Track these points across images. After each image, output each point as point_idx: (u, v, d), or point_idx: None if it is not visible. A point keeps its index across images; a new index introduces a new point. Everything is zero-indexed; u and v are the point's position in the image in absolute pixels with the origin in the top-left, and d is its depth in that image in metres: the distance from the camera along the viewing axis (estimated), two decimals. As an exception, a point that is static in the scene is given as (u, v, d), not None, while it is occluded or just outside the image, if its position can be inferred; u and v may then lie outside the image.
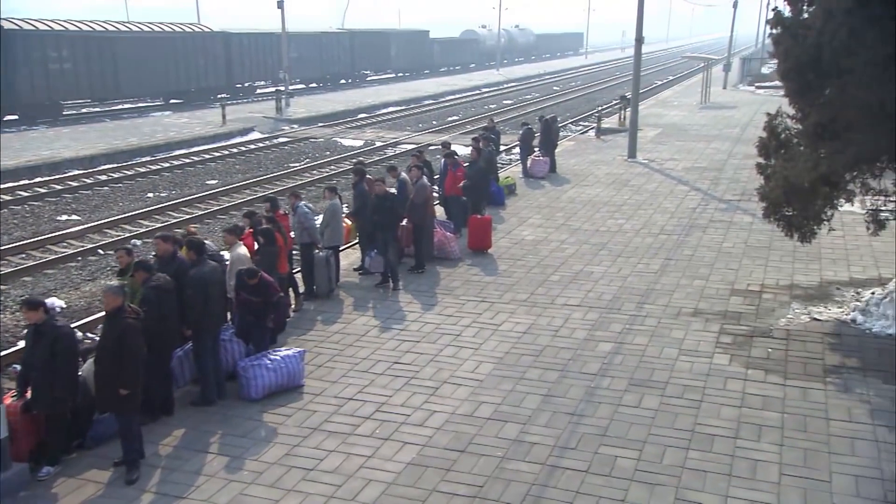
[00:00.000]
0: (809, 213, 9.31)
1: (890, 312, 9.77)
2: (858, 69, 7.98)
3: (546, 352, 9.50)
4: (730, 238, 14.33)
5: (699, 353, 9.30)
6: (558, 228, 15.42)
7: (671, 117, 33.88)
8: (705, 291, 11.49)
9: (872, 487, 6.43)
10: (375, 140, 32.06)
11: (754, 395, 8.20)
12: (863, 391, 8.14)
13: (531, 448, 7.29)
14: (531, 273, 12.61)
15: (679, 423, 7.67)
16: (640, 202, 17.57)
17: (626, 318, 10.50)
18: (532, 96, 51.62)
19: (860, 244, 13.49)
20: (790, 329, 9.91)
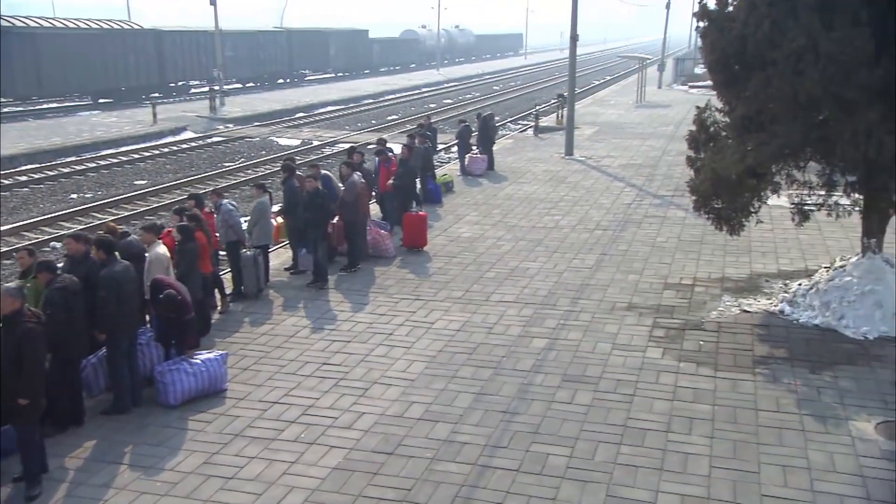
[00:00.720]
0: (737, 206, 9.36)
1: (816, 303, 9.91)
2: (781, 61, 8.04)
3: (480, 349, 9.32)
4: (663, 233, 14.44)
5: (632, 348, 9.25)
6: (495, 225, 15.30)
7: (608, 116, 34.29)
8: (639, 286, 11.49)
9: (800, 477, 6.43)
10: (313, 139, 31.53)
11: (686, 387, 8.17)
12: (790, 381, 8.19)
13: (462, 448, 7.08)
14: (467, 270, 12.44)
15: (612, 418, 7.57)
16: (577, 198, 17.61)
17: (560, 314, 10.40)
18: (472, 96, 51.73)
19: (788, 237, 13.73)
20: (721, 321, 9.96)
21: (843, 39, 7.63)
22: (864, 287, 9.61)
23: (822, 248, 12.96)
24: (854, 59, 7.64)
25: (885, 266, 9.76)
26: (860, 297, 9.58)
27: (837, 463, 6.60)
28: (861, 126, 7.87)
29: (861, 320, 9.42)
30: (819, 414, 7.47)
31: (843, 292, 9.75)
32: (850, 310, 9.57)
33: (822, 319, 9.69)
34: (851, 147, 7.99)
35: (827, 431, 7.14)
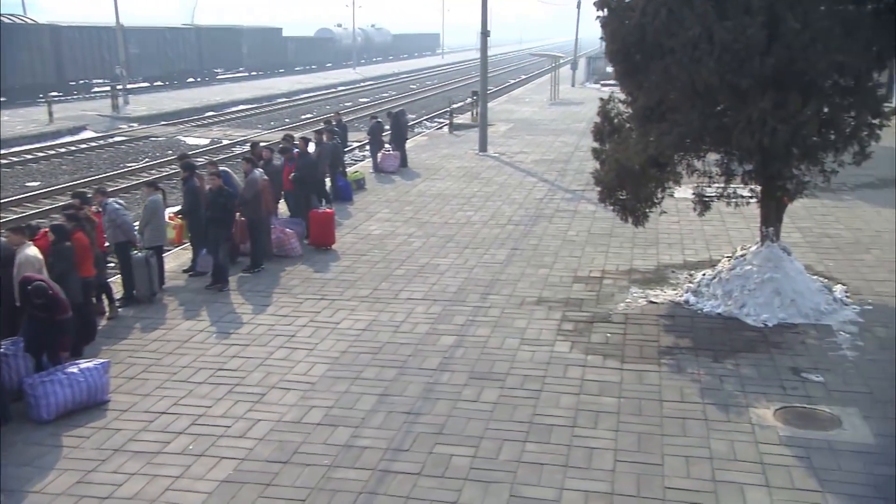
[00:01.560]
0: (641, 196, 9.35)
1: (718, 292, 10.01)
2: (678, 49, 8.03)
3: (385, 349, 8.99)
4: (574, 226, 14.45)
5: (540, 342, 9.10)
6: (406, 222, 15.00)
7: (522, 113, 34.55)
8: (549, 279, 11.40)
9: (702, 467, 6.37)
10: (223, 138, 30.50)
11: (593, 381, 8.06)
12: (694, 370, 8.20)
13: (362, 453, 6.74)
14: (376, 268, 12.09)
15: (518, 415, 7.37)
16: (490, 194, 17.50)
17: (469, 310, 10.18)
18: (389, 94, 51.36)
19: (694, 229, 13.95)
20: (628, 313, 9.94)
21: (737, 28, 7.68)
22: (764, 275, 9.76)
23: (726, 239, 13.21)
24: (747, 47, 7.69)
25: (783, 254, 9.95)
26: (760, 285, 9.73)
27: (738, 451, 6.58)
28: (755, 114, 7.95)
29: (761, 308, 9.56)
30: (721, 402, 7.47)
31: (743, 281, 9.89)
32: (750, 298, 9.70)
33: (724, 308, 9.79)
34: (746, 135, 8.06)
35: (729, 420, 7.13)
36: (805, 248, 12.45)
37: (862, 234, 13.12)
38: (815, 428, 6.92)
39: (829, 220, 14.14)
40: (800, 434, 6.82)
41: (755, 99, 8.01)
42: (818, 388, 7.67)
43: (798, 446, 6.62)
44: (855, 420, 7.00)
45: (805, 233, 13.39)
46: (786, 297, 9.59)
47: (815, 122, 7.97)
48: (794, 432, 6.85)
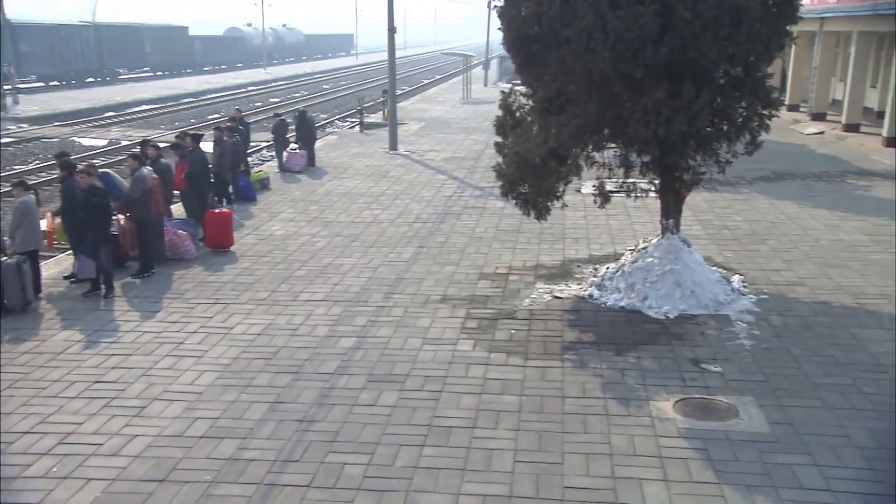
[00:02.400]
0: (542, 190, 9.20)
1: (622, 285, 9.98)
2: (573, 39, 7.90)
3: (280, 353, 8.52)
4: (482, 223, 14.28)
5: (443, 341, 8.82)
6: (311, 222, 14.51)
7: (435, 112, 34.38)
8: (455, 277, 11.15)
9: (602, 464, 6.21)
10: (122, 139, 29.10)
11: (495, 379, 7.82)
12: (596, 365, 8.08)
13: (247, 466, 6.27)
14: (276, 269, 11.56)
15: (416, 418, 7.05)
16: (398, 192, 17.17)
17: (372, 310, 9.81)
18: (301, 94, 50.44)
19: (599, 223, 14.00)
20: (533, 309, 9.79)
21: (629, 17, 7.60)
22: (665, 267, 9.78)
23: (630, 233, 13.28)
24: (639, 37, 7.63)
25: (683, 246, 10.00)
26: (661, 277, 9.74)
27: (638, 446, 6.45)
28: (650, 104, 7.90)
29: (662, 300, 9.57)
30: (622, 396, 7.36)
31: (645, 273, 9.89)
32: (652, 290, 9.71)
33: (627, 301, 9.76)
34: (642, 125, 8.01)
35: (629, 414, 7.02)
36: (705, 239, 12.65)
37: (758, 225, 13.45)
38: (713, 419, 6.89)
39: (728, 213, 14.45)
40: (698, 425, 6.77)
41: (650, 89, 7.97)
42: (716, 379, 7.67)
43: (696, 438, 6.55)
44: (751, 409, 7.01)
45: (705, 225, 13.62)
46: (686, 289, 9.64)
47: (708, 112, 7.99)
48: (693, 424, 6.79)
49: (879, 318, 9.00)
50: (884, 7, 19.33)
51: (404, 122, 30.58)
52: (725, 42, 7.68)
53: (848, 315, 9.15)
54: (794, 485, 5.80)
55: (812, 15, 25.10)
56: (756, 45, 7.94)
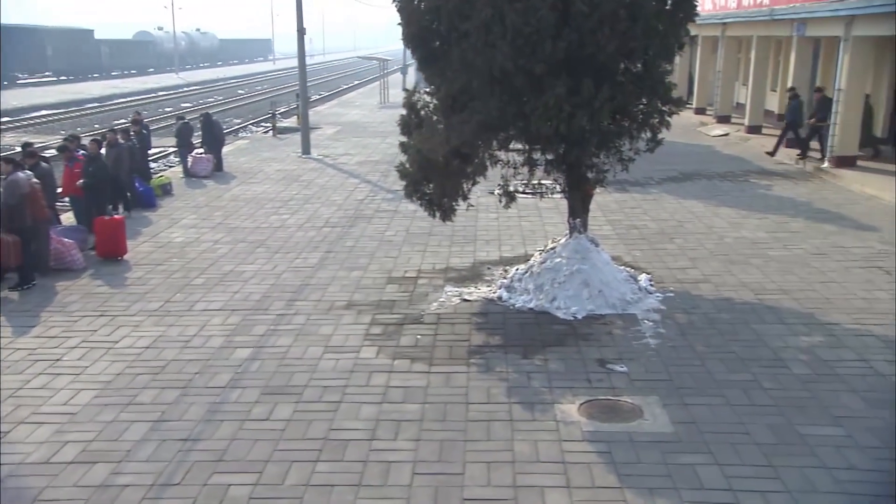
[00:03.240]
0: (447, 190, 8.93)
1: (530, 286, 9.82)
2: (473, 33, 7.67)
3: (169, 367, 7.95)
4: (393, 226, 13.94)
5: (346, 349, 8.43)
6: (214, 228, 13.85)
7: (351, 116, 33.89)
8: (362, 282, 10.77)
9: (503, 472, 5.95)
10: (15, 145, 27.37)
11: (398, 387, 7.48)
12: (503, 369, 7.85)
13: (120, 493, 5.73)
14: (171, 278, 10.91)
15: (312, 431, 6.64)
16: (309, 196, 16.67)
17: (272, 319, 9.33)
18: (214, 99, 49.06)
19: (511, 225, 13.88)
20: (441, 313, 9.50)
21: (527, 10, 7.43)
22: (572, 267, 9.67)
23: (542, 234, 13.18)
24: (538, 31, 7.46)
25: (590, 245, 9.92)
26: (569, 277, 9.62)
27: (541, 452, 6.23)
28: (551, 100, 7.74)
29: (570, 300, 9.44)
30: (528, 401, 7.14)
31: (553, 274, 9.75)
32: (560, 291, 9.57)
33: (536, 303, 9.59)
34: (543, 122, 7.85)
35: (534, 419, 6.79)
36: (615, 239, 12.67)
37: (666, 224, 13.59)
38: (618, 420, 6.74)
39: (637, 213, 14.57)
40: (603, 428, 6.60)
41: (551, 84, 7.81)
42: (622, 379, 7.54)
43: (600, 441, 6.37)
44: (655, 409, 6.89)
45: (615, 225, 13.67)
46: (594, 288, 9.54)
47: (608, 109, 7.90)
48: (598, 427, 6.62)
49: (779, 313, 9.11)
50: (780, 12, 20.05)
51: (319, 126, 30.06)
52: (623, 37, 7.60)
53: (749, 311, 9.23)
54: (695, 485, 5.67)
55: (714, 20, 25.92)
56: (654, 41, 7.90)
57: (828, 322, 8.78)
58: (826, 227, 13.03)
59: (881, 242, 12.03)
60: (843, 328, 8.59)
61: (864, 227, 12.99)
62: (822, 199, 15.33)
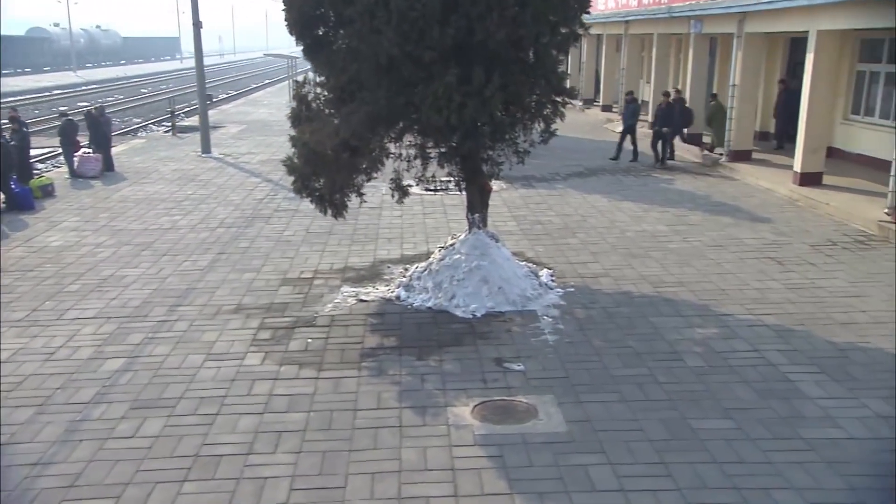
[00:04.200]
0: (337, 185, 8.47)
1: (429, 285, 9.48)
2: (357, 19, 7.25)
3: (27, 383, 7.21)
4: (292, 226, 13.37)
5: (229, 356, 7.87)
6: (97, 231, 12.94)
7: (258, 115, 32.90)
8: (254, 284, 10.19)
9: (388, 483, 5.56)
10: None
11: (282, 395, 6.99)
12: (396, 372, 7.47)
13: (-50, 529, 5.05)
14: (42, 285, 10.05)
15: (182, 448, 6.08)
16: (205, 196, 15.87)
17: (151, 326, 8.66)
18: (115, 98, 46.85)
19: (415, 222, 13.53)
20: (335, 314, 9.04)
21: (412, -6, 7.07)
22: (471, 264, 9.38)
23: (446, 231, 12.85)
24: (424, 16, 7.12)
25: (490, 241, 9.66)
26: (468, 274, 9.33)
27: (430, 459, 5.87)
28: (440, 89, 7.40)
29: (470, 298, 9.15)
30: (419, 405, 6.77)
31: (452, 271, 9.44)
32: (459, 288, 9.26)
33: (434, 301, 9.26)
34: (434, 112, 7.51)
35: (424, 424, 6.44)
36: (518, 235, 12.50)
37: (570, 219, 13.51)
38: (512, 421, 6.46)
39: (542, 208, 14.46)
40: (496, 430, 6.30)
41: (440, 73, 7.48)
42: (518, 378, 7.28)
43: (492, 444, 6.07)
44: (550, 408, 6.65)
45: (520, 221, 13.51)
46: (493, 285, 9.28)
47: (499, 98, 7.62)
48: (491, 429, 6.32)
49: (676, 306, 9.07)
50: (677, 10, 20.45)
51: (224, 125, 29.05)
52: (513, 24, 7.34)
53: (648, 304, 9.16)
54: (586, 487, 5.43)
55: (617, 18, 26.33)
56: (544, 28, 7.68)
57: (722, 313, 8.79)
58: (723, 220, 13.24)
59: (774, 233, 12.28)
60: (736, 319, 8.61)
61: (759, 219, 13.26)
62: (720, 192, 15.64)
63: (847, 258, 10.86)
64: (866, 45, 17.14)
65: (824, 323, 8.40)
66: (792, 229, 12.54)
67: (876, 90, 16.82)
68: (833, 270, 10.30)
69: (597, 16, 29.38)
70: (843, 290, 9.51)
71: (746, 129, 18.31)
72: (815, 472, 5.52)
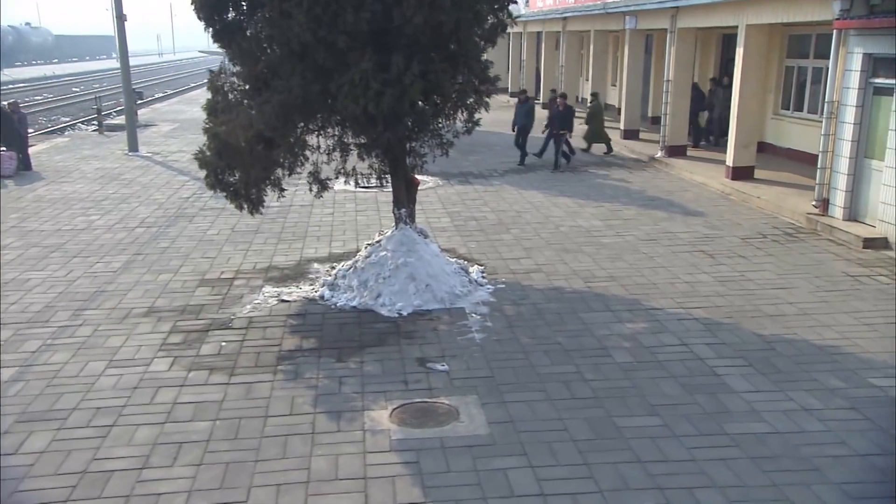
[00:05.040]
0: (251, 179, 8.01)
1: (354, 283, 9.09)
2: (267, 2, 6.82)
3: None
4: (218, 225, 12.81)
5: (134, 362, 7.34)
6: (5, 232, 12.16)
7: (192, 113, 31.85)
8: (170, 286, 9.64)
9: (295, 495, 5.16)
10: None
11: (187, 403, 6.52)
12: (313, 375, 7.06)
13: None
14: (-65, 291, 9.32)
15: (69, 464, 5.57)
16: (126, 196, 15.16)
17: (51, 332, 8.07)
18: (44, 97, 45.06)
19: (347, 220, 13.13)
20: (254, 316, 8.58)
21: (323, -26, 6.68)
22: (398, 260, 9.03)
23: (378, 228, 12.49)
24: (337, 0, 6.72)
25: (417, 237, 9.33)
26: (394, 271, 8.98)
27: (341, 467, 5.50)
28: (356, 77, 7.02)
29: (396, 296, 8.80)
30: (335, 409, 6.39)
31: (378, 269, 9.08)
32: (385, 286, 8.90)
33: (360, 300, 8.88)
34: (350, 101, 7.12)
35: (339, 430, 6.05)
36: (451, 231, 12.20)
37: (505, 215, 13.28)
38: (432, 424, 6.12)
39: (477, 204, 14.20)
40: (414, 434, 5.96)
41: (357, 59, 7.10)
42: (441, 379, 6.95)
43: (409, 450, 5.73)
44: (472, 409, 6.34)
45: (454, 217, 13.22)
46: (421, 283, 8.94)
47: (419, 86, 7.27)
48: (409, 433, 5.97)
49: (606, 301, 8.87)
50: (613, 6, 20.47)
51: (155, 123, 28.18)
52: (431, 9, 7.00)
53: (578, 299, 8.94)
54: (505, 493, 5.13)
55: (556, 15, 26.31)
56: (465, 14, 7.36)
57: (652, 307, 8.63)
58: (657, 214, 13.17)
59: (707, 227, 12.25)
60: (666, 313, 8.45)
61: (692, 213, 13.24)
62: (655, 187, 15.62)
63: (776, 250, 10.87)
64: (794, 41, 17.38)
65: (752, 315, 8.31)
66: (724, 222, 12.54)
67: (804, 85, 17.06)
68: (762, 263, 10.27)
69: (536, 13, 29.41)
70: (772, 282, 9.47)
71: (681, 124, 18.39)
72: (739, 468, 5.33)
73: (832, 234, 11.49)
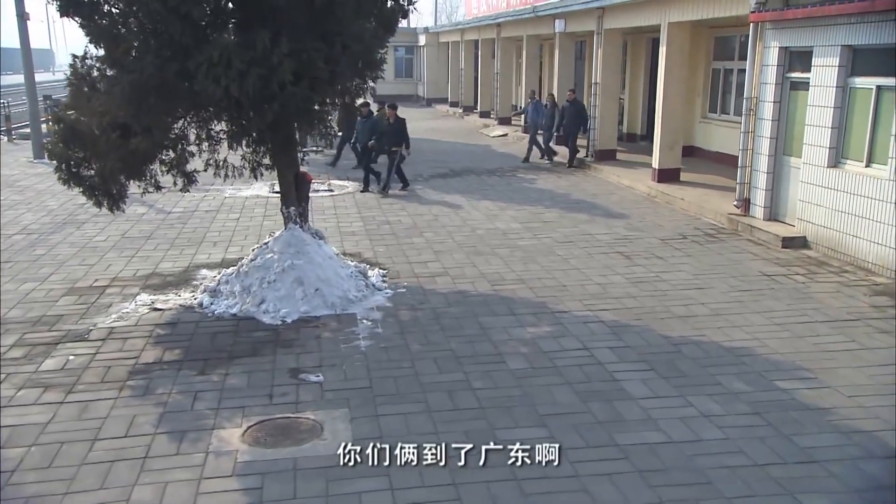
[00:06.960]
0: (108, 171, 7.12)
1: (237, 289, 8.25)
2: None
3: None
4: (108, 231, 11.80)
5: (-42, 380, 6.37)
6: None
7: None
8: (31, 295, 8.65)
9: (95, 533, 4.31)
10: None
11: (3, 427, 5.58)
12: (166, 390, 6.19)
13: None
14: None
15: None
16: (16, 202, 14.10)
17: None
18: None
19: (251, 224, 12.30)
20: (116, 326, 7.66)
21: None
22: (284, 263, 8.23)
23: (282, 233, 11.67)
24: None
25: (307, 237, 8.54)
26: (280, 275, 8.17)
27: (168, 497, 4.65)
28: (217, 54, 6.24)
29: (281, 302, 7.98)
30: (181, 429, 5.53)
31: (263, 272, 8.26)
32: (270, 291, 8.09)
33: (241, 307, 8.04)
34: (211, 81, 6.32)
35: (178, 452, 5.20)
36: (361, 235, 11.46)
37: (421, 219, 12.58)
38: (288, 444, 5.32)
39: (395, 209, 13.48)
40: (265, 456, 5.15)
41: (217, 34, 6.31)
42: (312, 391, 6.16)
43: (254, 473, 4.91)
44: (339, 424, 5.57)
45: (367, 221, 12.48)
46: (309, 287, 8.14)
47: (289, 66, 6.51)
48: (259, 454, 5.16)
49: (511, 304, 8.20)
50: (542, 9, 20.08)
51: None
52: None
53: (481, 303, 8.26)
54: (352, 523, 4.36)
55: (489, 21, 25.90)
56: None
57: (559, 310, 7.98)
58: (578, 217, 12.63)
59: (627, 229, 11.73)
60: (572, 315, 7.81)
61: (614, 215, 12.73)
62: (581, 190, 15.12)
63: (695, 251, 10.38)
64: (720, 43, 17.18)
65: (662, 317, 7.72)
66: (645, 224, 12.05)
67: (730, 88, 16.84)
68: (679, 263, 9.75)
69: (472, 20, 29.01)
70: (687, 282, 8.93)
71: (610, 128, 18.00)
72: (624, 484, 4.66)
73: (752, 234, 11.08)
